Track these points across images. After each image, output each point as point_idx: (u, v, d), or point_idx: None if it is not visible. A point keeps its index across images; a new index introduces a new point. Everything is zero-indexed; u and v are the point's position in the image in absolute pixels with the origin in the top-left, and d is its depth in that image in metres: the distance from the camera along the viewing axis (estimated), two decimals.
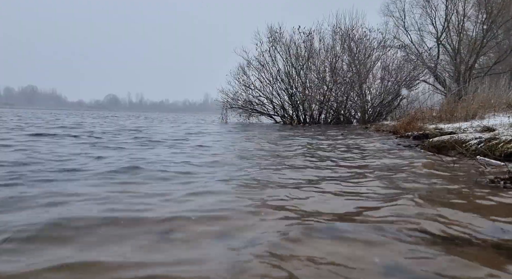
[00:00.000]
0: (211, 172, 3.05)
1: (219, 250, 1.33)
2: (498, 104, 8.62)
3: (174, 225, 1.59)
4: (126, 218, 1.66)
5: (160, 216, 1.70)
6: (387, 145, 5.68)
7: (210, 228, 1.56)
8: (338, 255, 1.27)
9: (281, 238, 1.41)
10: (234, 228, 1.57)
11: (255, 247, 1.34)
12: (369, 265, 1.20)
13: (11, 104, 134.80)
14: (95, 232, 1.49)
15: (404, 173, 3.00)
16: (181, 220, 1.65)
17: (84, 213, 1.74)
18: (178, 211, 1.81)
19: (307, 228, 1.55)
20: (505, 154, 3.53)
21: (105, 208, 1.85)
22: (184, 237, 1.45)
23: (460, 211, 1.82)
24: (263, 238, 1.42)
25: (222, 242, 1.41)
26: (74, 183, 2.48)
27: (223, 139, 7.16)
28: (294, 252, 1.29)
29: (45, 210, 1.80)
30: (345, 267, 1.18)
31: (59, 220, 1.60)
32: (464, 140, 4.39)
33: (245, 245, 1.37)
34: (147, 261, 1.22)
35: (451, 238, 1.45)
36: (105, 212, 1.76)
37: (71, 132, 7.58)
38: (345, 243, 1.38)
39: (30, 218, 1.64)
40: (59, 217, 1.64)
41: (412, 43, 19.79)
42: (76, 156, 3.86)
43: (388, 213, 1.78)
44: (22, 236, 1.41)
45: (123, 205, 1.91)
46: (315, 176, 2.90)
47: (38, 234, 1.44)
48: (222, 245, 1.37)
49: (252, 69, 19.47)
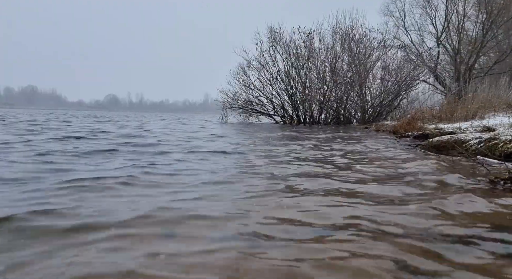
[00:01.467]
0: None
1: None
2: (498, 104, 8.63)
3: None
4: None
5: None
6: (387, 146, 5.68)
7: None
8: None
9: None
10: None
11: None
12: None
13: (11, 104, 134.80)
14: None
15: (404, 173, 3.00)
16: None
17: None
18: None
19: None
20: (505, 154, 3.53)
21: None
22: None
23: (460, 211, 1.83)
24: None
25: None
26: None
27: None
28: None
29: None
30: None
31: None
32: (464, 140, 4.39)
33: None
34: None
35: (451, 237, 1.45)
36: None
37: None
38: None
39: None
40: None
41: (412, 43, 19.81)
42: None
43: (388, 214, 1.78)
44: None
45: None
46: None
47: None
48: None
49: (252, 69, 19.52)
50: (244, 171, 3.11)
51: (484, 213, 1.80)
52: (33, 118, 16.82)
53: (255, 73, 19.44)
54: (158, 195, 2.19)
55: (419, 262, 1.22)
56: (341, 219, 1.69)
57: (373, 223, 1.62)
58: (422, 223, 1.63)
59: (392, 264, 1.20)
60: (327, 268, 1.16)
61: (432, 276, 1.13)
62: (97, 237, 1.42)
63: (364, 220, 1.66)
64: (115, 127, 10.30)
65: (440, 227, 1.58)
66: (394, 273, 1.14)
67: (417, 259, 1.24)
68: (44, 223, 1.57)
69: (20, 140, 5.40)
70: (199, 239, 1.43)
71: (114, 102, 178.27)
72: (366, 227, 1.57)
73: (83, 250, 1.30)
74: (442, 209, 1.86)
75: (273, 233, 1.50)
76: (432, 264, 1.21)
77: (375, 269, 1.15)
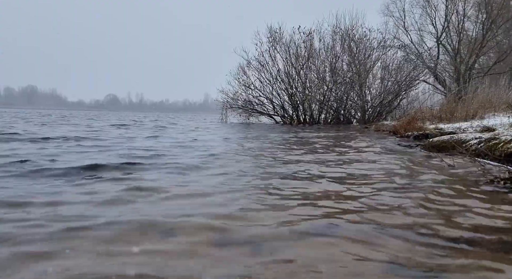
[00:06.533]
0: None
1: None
2: (498, 104, 8.62)
3: None
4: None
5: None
6: (388, 146, 5.67)
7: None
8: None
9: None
10: None
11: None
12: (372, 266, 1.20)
13: (11, 104, 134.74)
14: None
15: (404, 173, 3.00)
16: None
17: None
18: None
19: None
20: (505, 154, 3.53)
21: None
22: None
23: (461, 211, 1.82)
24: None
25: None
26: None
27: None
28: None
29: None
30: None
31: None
32: (464, 140, 4.39)
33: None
34: None
35: (452, 237, 1.45)
36: None
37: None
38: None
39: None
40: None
41: (412, 43, 19.79)
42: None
43: (388, 213, 1.78)
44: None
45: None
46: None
47: None
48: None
49: (252, 69, 19.48)
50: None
51: (484, 213, 1.80)
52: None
53: (255, 73, 19.43)
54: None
55: (419, 262, 1.22)
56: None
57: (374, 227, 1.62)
58: (422, 223, 1.63)
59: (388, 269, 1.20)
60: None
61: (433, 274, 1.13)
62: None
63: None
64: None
65: (440, 227, 1.58)
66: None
67: (417, 259, 1.24)
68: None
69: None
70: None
71: (114, 102, 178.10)
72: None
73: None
74: (443, 208, 1.86)
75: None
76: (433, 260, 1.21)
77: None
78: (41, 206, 1.88)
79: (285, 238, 1.43)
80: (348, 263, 1.21)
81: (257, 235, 1.46)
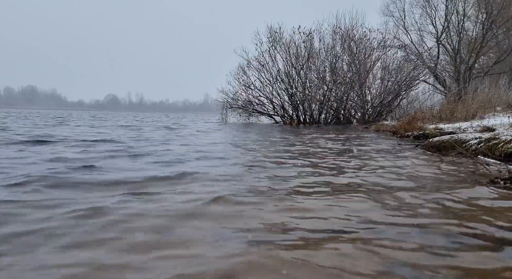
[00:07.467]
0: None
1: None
2: (498, 104, 8.63)
3: None
4: None
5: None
6: (387, 146, 5.68)
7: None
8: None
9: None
10: None
11: None
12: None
13: (11, 104, 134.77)
14: None
15: (404, 174, 3.00)
16: None
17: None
18: None
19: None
20: (505, 154, 3.54)
21: None
22: None
23: (461, 211, 1.83)
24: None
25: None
26: None
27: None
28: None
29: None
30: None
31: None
32: (464, 140, 4.39)
33: None
34: None
35: (452, 237, 1.46)
36: None
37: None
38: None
39: None
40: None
41: (412, 43, 19.75)
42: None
43: (388, 214, 1.79)
44: None
45: None
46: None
47: None
48: None
49: (252, 69, 19.49)
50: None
51: (485, 213, 1.81)
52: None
53: (255, 73, 19.44)
54: None
55: (413, 263, 1.23)
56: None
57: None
58: (422, 223, 1.63)
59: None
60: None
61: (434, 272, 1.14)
62: None
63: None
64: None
65: (442, 225, 1.58)
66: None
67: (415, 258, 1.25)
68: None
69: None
70: None
71: (114, 102, 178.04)
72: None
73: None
74: (443, 208, 1.87)
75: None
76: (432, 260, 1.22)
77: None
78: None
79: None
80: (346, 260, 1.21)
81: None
